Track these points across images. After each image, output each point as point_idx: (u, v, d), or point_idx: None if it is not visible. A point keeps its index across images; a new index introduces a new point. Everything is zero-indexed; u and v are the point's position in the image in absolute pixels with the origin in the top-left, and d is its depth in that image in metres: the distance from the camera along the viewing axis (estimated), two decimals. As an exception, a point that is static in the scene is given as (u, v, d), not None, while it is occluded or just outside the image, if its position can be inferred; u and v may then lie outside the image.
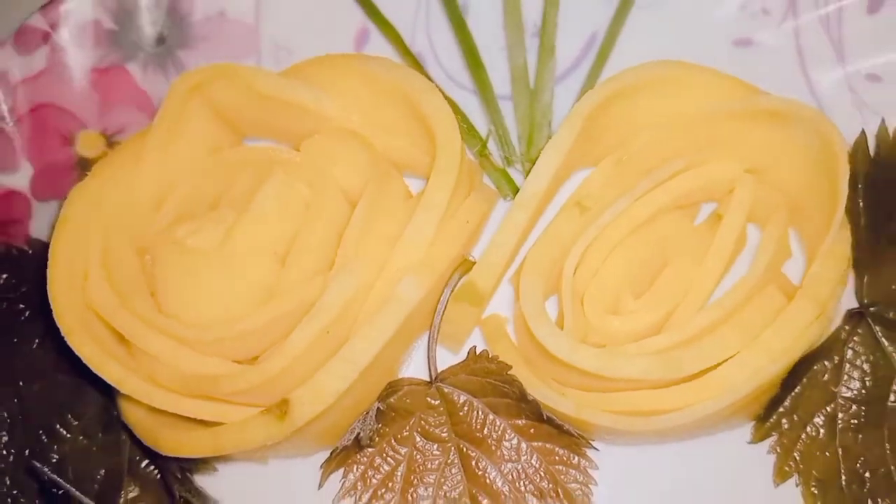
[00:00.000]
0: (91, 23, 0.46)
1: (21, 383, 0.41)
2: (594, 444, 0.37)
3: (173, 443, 0.35)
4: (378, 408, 0.37)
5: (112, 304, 0.35)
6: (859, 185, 0.38)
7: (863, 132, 0.38)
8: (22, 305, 0.42)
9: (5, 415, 0.41)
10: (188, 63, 0.46)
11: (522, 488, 0.37)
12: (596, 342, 0.34)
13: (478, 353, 0.37)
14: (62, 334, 0.36)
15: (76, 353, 0.36)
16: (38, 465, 0.37)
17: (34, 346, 0.42)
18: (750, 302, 0.34)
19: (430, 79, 0.42)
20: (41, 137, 0.46)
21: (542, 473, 0.37)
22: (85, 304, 0.36)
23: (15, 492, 0.39)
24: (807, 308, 0.33)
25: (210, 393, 0.35)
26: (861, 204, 0.38)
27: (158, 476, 0.40)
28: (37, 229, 0.45)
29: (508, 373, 0.36)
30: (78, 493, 0.36)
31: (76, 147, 0.46)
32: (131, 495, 0.39)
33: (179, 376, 0.35)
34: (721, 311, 0.33)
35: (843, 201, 0.34)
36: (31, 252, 0.43)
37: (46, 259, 0.40)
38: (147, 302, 0.36)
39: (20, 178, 0.45)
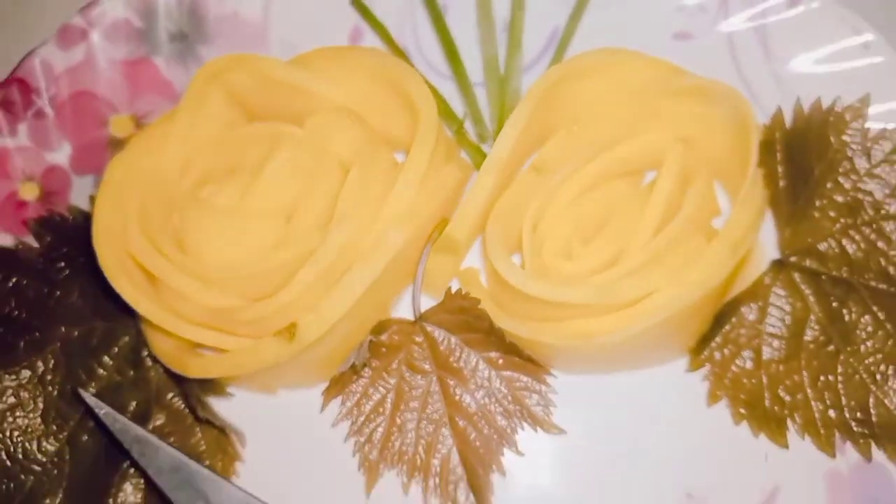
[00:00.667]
0: (122, 21, 0.49)
1: (63, 329, 0.45)
2: (553, 372, 0.42)
3: (197, 367, 0.40)
4: (371, 340, 0.42)
5: (147, 251, 0.40)
6: (777, 153, 0.43)
7: (779, 108, 0.43)
8: (63, 264, 0.46)
9: (50, 356, 0.44)
10: (205, 56, 0.49)
11: (493, 410, 0.42)
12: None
13: (457, 292, 0.42)
14: (105, 276, 0.40)
15: (117, 291, 0.40)
16: (82, 390, 0.42)
17: (74, 297, 0.45)
18: (677, 246, 0.39)
19: (413, 67, 0.45)
20: (79, 120, 0.49)
21: (509, 398, 0.42)
22: (123, 252, 0.40)
23: (59, 421, 0.44)
24: (722, 247, 0.38)
25: (227, 324, 0.40)
26: (780, 169, 0.43)
27: (182, 406, 0.44)
28: (75, 199, 0.48)
29: (479, 307, 0.40)
30: (116, 413, 0.41)
31: (109, 128, 0.49)
32: (158, 423, 0.44)
33: (202, 310, 0.40)
34: (651, 252, 0.38)
35: (754, 161, 0.39)
36: (71, 218, 0.46)
37: (85, 224, 0.45)
38: (175, 249, 0.41)
39: (61, 156, 0.49)
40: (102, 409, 0.40)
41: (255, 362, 0.39)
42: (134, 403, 0.44)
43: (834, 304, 0.42)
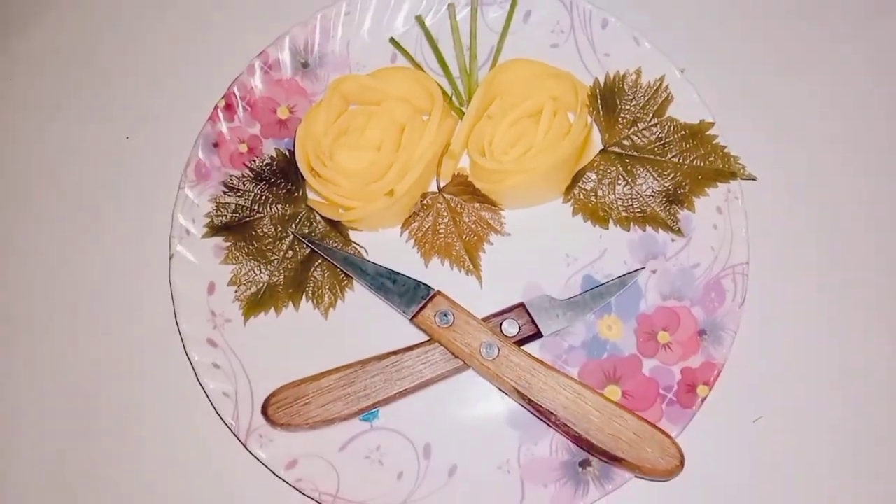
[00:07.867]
0: (278, 59, 0.81)
1: (268, 209, 0.80)
2: (503, 208, 0.88)
3: (342, 215, 0.79)
4: (421, 202, 0.87)
5: (318, 163, 0.75)
6: (599, 98, 0.79)
7: (596, 78, 0.80)
8: (263, 182, 0.79)
9: (263, 224, 0.83)
10: (320, 75, 0.81)
11: (475, 228, 0.85)
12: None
13: (456, 174, 0.88)
14: (302, 174, 0.78)
15: (306, 180, 0.78)
16: (292, 230, 0.88)
17: (272, 197, 0.80)
18: (551, 144, 0.85)
19: (425, 72, 0.80)
20: (262, 111, 0.81)
21: (483, 221, 0.86)
22: (307, 165, 0.75)
23: (274, 250, 0.85)
24: (568, 141, 0.81)
25: (355, 195, 0.76)
26: (600, 106, 0.79)
27: (333, 242, 0.89)
28: (265, 151, 0.79)
29: (468, 179, 0.85)
30: (313, 238, 0.87)
31: (277, 114, 0.82)
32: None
33: (343, 188, 0.75)
34: (540, 147, 0.82)
35: (581, 104, 0.82)
36: (266, 161, 0.80)
37: (272, 162, 0.80)
38: (330, 161, 0.75)
39: (256, 129, 0.80)
40: (307, 238, 0.87)
41: (372, 209, 0.75)
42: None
43: (629, 168, 0.78)
